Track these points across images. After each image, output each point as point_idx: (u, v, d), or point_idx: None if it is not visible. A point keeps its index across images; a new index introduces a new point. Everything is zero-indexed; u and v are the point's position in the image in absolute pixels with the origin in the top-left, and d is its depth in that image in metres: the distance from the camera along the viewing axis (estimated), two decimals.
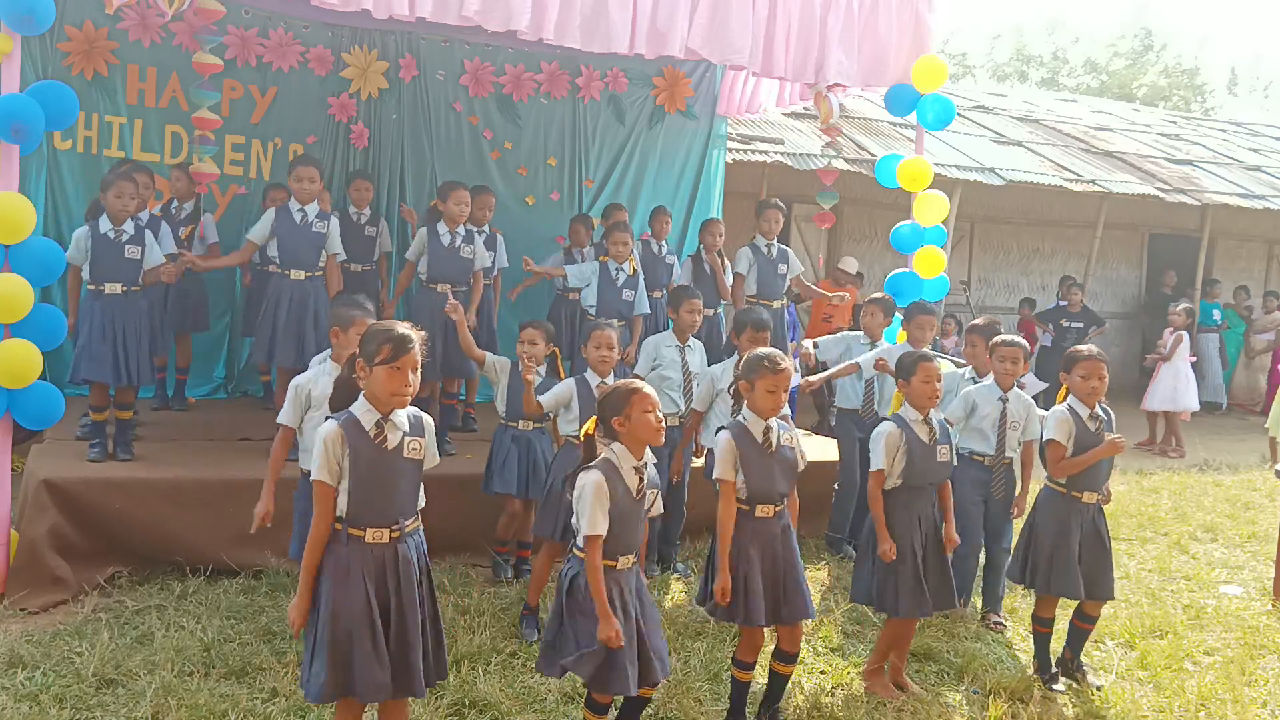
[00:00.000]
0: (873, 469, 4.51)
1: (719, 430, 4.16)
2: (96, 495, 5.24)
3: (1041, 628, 4.79)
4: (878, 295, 6.75)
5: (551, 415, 5.25)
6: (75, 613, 4.89)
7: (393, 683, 3.23)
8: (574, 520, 3.57)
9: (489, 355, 5.69)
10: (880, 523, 4.44)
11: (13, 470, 5.17)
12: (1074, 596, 4.69)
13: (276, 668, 4.31)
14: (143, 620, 4.79)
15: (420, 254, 6.65)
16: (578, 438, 5.13)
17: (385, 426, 3.26)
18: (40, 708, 3.90)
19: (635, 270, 7.11)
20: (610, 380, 5.22)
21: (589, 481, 3.48)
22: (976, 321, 6.06)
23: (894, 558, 4.38)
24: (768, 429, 4.08)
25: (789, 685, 4.30)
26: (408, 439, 3.30)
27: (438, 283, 6.63)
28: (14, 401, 4.90)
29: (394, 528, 3.27)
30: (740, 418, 4.13)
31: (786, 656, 4.17)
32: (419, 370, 3.29)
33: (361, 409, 3.27)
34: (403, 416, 3.32)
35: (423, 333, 3.37)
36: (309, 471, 4.23)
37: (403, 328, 3.28)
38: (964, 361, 5.97)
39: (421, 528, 3.41)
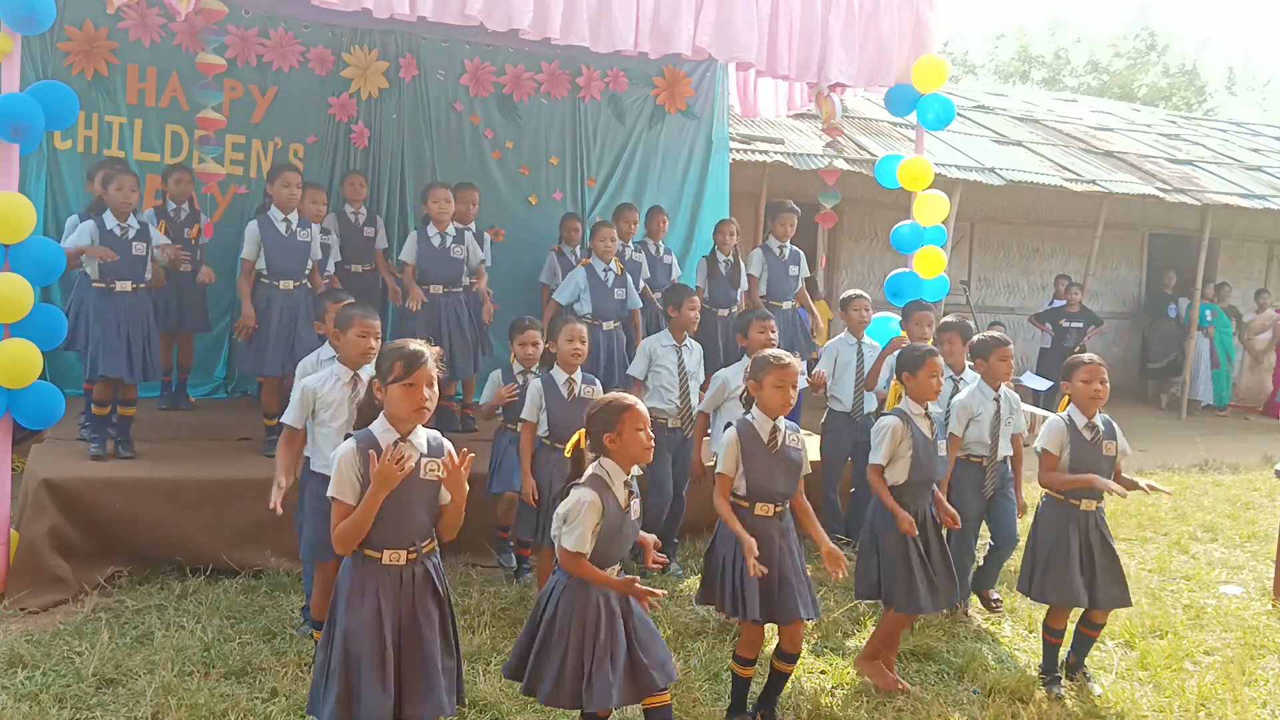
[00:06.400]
0: (872, 462, 4.54)
1: (726, 426, 4.17)
2: (96, 495, 5.24)
3: (1052, 637, 4.77)
4: (851, 294, 6.69)
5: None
6: (75, 613, 4.89)
7: (415, 704, 3.18)
8: (554, 529, 3.46)
9: (486, 398, 5.69)
10: (892, 508, 4.44)
11: (13, 470, 5.17)
12: (1074, 604, 4.64)
13: (276, 668, 4.31)
14: (143, 620, 4.79)
15: (414, 255, 6.65)
16: (546, 439, 5.16)
17: (403, 447, 3.22)
18: (40, 708, 3.90)
19: (621, 268, 7.10)
20: (578, 376, 5.23)
21: (584, 501, 3.36)
22: (948, 319, 6.03)
23: (916, 532, 4.43)
24: (774, 429, 4.09)
25: (788, 685, 4.31)
26: (425, 460, 3.26)
27: (429, 284, 6.63)
28: (14, 401, 4.90)
29: (410, 549, 3.23)
30: (749, 416, 4.14)
31: (786, 656, 4.17)
32: (435, 384, 3.25)
33: (380, 428, 3.24)
34: (422, 437, 3.28)
35: (437, 348, 3.34)
36: (318, 472, 4.25)
37: (414, 344, 3.26)
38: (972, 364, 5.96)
39: (438, 549, 3.37)
